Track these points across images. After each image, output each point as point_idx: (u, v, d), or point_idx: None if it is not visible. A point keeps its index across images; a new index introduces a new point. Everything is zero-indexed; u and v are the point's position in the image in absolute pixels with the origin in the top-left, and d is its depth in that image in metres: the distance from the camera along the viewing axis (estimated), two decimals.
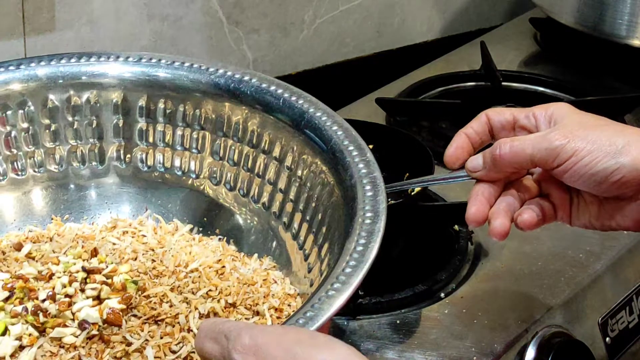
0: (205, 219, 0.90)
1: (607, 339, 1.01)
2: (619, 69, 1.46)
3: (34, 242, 0.87)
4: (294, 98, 0.85)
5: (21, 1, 1.11)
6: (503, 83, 1.37)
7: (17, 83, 0.89)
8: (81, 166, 0.92)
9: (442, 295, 0.97)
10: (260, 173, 0.87)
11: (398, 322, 0.93)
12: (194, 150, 0.91)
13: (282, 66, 1.41)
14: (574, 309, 0.98)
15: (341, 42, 1.47)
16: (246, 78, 0.88)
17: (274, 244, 0.86)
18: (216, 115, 0.89)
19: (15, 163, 0.90)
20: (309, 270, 0.80)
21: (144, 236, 0.88)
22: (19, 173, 0.90)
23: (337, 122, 0.82)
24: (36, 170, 0.91)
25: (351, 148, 0.78)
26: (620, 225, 0.79)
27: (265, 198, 0.87)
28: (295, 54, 1.42)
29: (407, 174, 1.08)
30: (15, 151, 0.90)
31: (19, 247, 0.85)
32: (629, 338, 1.04)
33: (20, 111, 0.89)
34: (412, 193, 1.03)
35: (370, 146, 1.11)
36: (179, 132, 0.91)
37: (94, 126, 0.91)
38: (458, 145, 0.82)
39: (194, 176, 0.91)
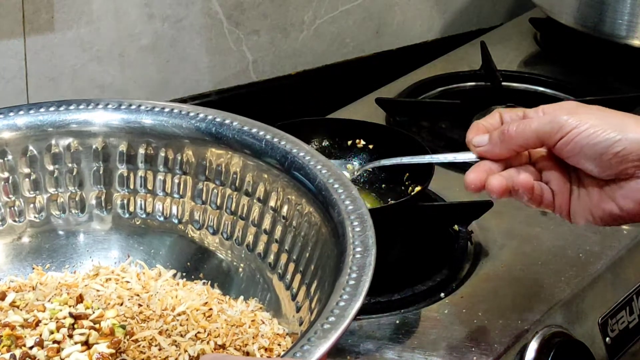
0: (188, 263, 0.89)
1: (607, 339, 1.01)
2: (619, 69, 1.46)
3: (16, 292, 0.86)
4: (276, 139, 0.84)
5: (21, 1, 1.12)
6: (503, 83, 1.37)
7: None
8: (62, 215, 0.91)
9: (442, 295, 0.97)
10: (244, 215, 0.87)
11: (398, 322, 0.93)
12: (175, 195, 0.90)
13: (282, 66, 1.41)
14: (574, 309, 0.98)
15: (341, 42, 1.47)
16: (227, 121, 0.87)
17: (260, 285, 0.85)
18: (197, 159, 0.88)
19: None
20: (298, 310, 0.79)
21: (128, 282, 0.87)
22: None
23: (321, 161, 0.81)
24: (16, 220, 0.90)
25: (336, 186, 0.78)
26: (622, 209, 0.78)
27: (249, 240, 0.87)
28: (295, 54, 1.42)
29: (407, 174, 1.08)
30: None
31: (2, 296, 0.84)
32: (629, 338, 1.04)
33: (0, 160, 0.89)
34: (412, 193, 1.03)
35: (371, 146, 1.11)
36: (160, 177, 0.90)
37: (74, 174, 0.90)
38: (477, 130, 0.84)
39: (176, 221, 0.90)
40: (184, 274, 0.89)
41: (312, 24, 1.42)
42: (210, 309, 0.84)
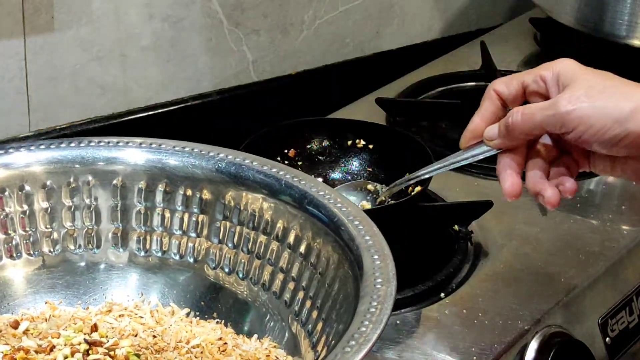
0: (202, 302, 0.89)
1: (607, 339, 1.01)
2: (619, 69, 1.45)
3: (30, 322, 0.86)
4: (295, 179, 0.85)
5: (21, 1, 1.11)
6: None
7: (16, 167, 0.89)
8: (77, 250, 0.91)
9: (442, 295, 0.97)
10: (261, 254, 0.87)
11: (398, 322, 0.93)
12: (192, 234, 0.90)
13: (282, 66, 1.41)
14: (574, 309, 0.98)
15: (341, 42, 1.47)
16: (247, 161, 0.88)
17: (275, 323, 0.85)
18: (216, 198, 0.88)
19: (10, 246, 0.89)
20: (314, 345, 0.79)
21: (142, 317, 0.87)
22: (14, 256, 0.89)
23: (340, 199, 0.82)
24: (31, 253, 0.90)
25: (356, 222, 0.79)
26: (634, 178, 0.81)
27: (265, 279, 0.86)
28: (295, 54, 1.42)
29: (407, 174, 1.08)
30: (11, 233, 0.89)
31: (15, 324, 0.84)
32: (629, 338, 1.04)
33: (18, 193, 0.89)
34: (412, 193, 1.03)
35: (371, 146, 1.11)
36: (177, 215, 0.90)
37: (91, 209, 0.90)
38: (473, 133, 0.83)
39: (191, 260, 0.90)
40: (198, 313, 0.89)
41: (312, 24, 1.42)
42: (225, 343, 0.84)
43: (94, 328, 0.84)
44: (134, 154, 0.90)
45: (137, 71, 1.25)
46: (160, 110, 1.28)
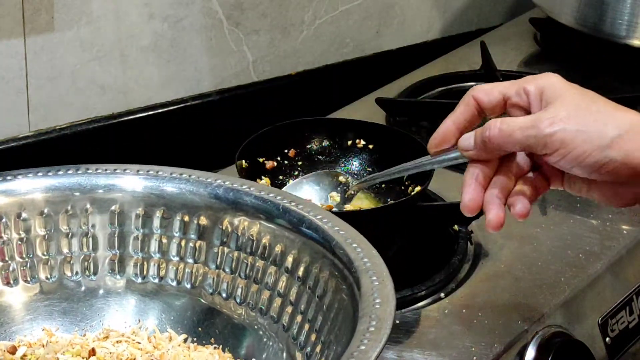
0: (199, 328, 0.89)
1: (607, 339, 1.01)
2: (619, 69, 1.46)
3: (28, 347, 0.86)
4: (293, 204, 0.85)
5: (21, 1, 1.12)
6: None
7: (15, 194, 0.89)
8: (74, 277, 0.91)
9: (442, 295, 0.97)
10: (259, 279, 0.87)
11: (397, 322, 0.93)
12: (189, 260, 0.90)
13: (282, 66, 1.41)
14: (574, 309, 0.98)
15: (341, 42, 1.47)
16: (244, 187, 0.88)
17: (272, 347, 0.85)
18: (213, 224, 0.88)
19: (7, 272, 0.89)
20: None
21: (139, 342, 0.87)
22: (11, 283, 0.89)
23: (338, 224, 0.82)
24: (28, 280, 0.89)
25: (354, 245, 0.79)
26: (612, 204, 0.78)
27: (263, 303, 0.86)
28: (295, 54, 1.42)
29: (407, 174, 1.08)
30: (8, 260, 0.89)
31: (13, 350, 0.84)
32: (629, 338, 1.04)
33: (16, 220, 0.89)
34: (412, 193, 1.03)
35: (370, 146, 1.11)
36: (174, 241, 0.90)
37: (88, 236, 0.91)
38: (443, 137, 0.81)
39: (189, 286, 0.90)
40: (195, 339, 0.89)
41: (312, 24, 1.42)
42: None
43: (92, 352, 0.84)
44: (131, 181, 0.90)
45: (137, 71, 1.25)
46: (160, 110, 1.28)
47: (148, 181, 0.90)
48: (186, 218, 0.89)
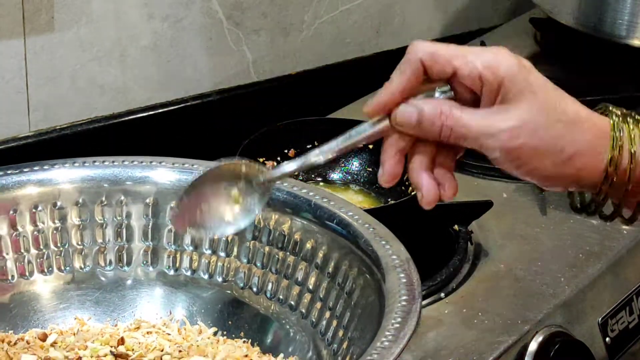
0: (229, 321, 0.89)
1: (607, 339, 1.01)
2: (619, 69, 1.46)
3: (58, 335, 0.87)
4: (324, 200, 0.86)
5: (21, 1, 1.11)
6: None
7: (50, 184, 0.90)
8: (107, 267, 0.91)
9: (442, 295, 0.97)
10: (289, 274, 0.87)
11: None
12: (221, 254, 0.90)
13: (282, 66, 1.41)
14: (574, 309, 0.98)
15: (341, 42, 1.47)
16: (277, 183, 0.88)
17: (300, 342, 0.85)
18: None
19: (42, 261, 0.90)
20: None
21: (169, 334, 0.88)
22: (45, 271, 0.90)
23: (368, 220, 0.83)
24: (62, 269, 0.90)
25: (383, 242, 0.80)
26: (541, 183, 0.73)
27: (293, 298, 0.87)
28: (295, 54, 1.42)
29: (407, 174, 1.07)
30: (43, 249, 0.90)
31: (43, 337, 0.85)
32: (629, 338, 1.04)
33: (52, 210, 0.90)
34: (412, 193, 1.03)
35: (370, 146, 1.11)
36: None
37: (123, 227, 0.91)
38: (384, 105, 0.71)
39: (220, 279, 0.90)
40: (225, 332, 0.89)
41: (312, 24, 1.42)
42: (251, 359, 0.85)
43: (121, 341, 0.84)
44: (166, 173, 0.92)
45: (137, 71, 1.25)
46: (160, 110, 1.28)
47: (182, 174, 0.91)
48: None
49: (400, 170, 0.72)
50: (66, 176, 0.91)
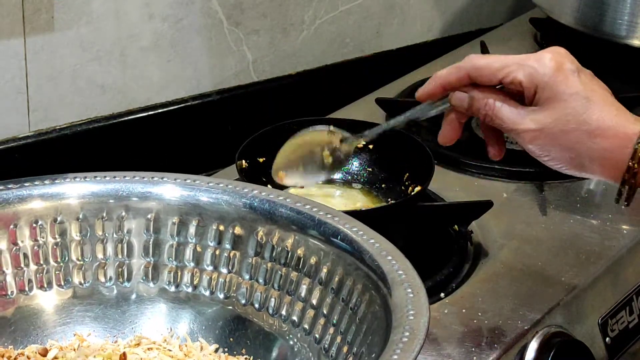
0: (231, 338, 0.89)
1: (607, 339, 1.01)
2: (619, 69, 1.46)
3: (59, 350, 0.86)
4: (328, 216, 0.85)
5: (21, 1, 1.12)
6: None
7: (52, 198, 0.89)
8: (107, 283, 0.91)
9: (442, 295, 0.97)
10: (292, 290, 0.87)
11: None
12: (223, 270, 0.90)
13: (282, 66, 1.41)
14: (574, 309, 0.98)
15: (341, 42, 1.47)
16: (280, 199, 0.88)
17: (303, 359, 0.85)
18: (247, 235, 0.88)
19: (41, 276, 0.89)
20: None
21: (170, 350, 0.87)
22: (45, 287, 0.89)
23: (372, 236, 0.83)
24: (62, 284, 0.90)
25: (389, 257, 0.80)
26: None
27: (296, 315, 0.86)
28: (295, 54, 1.42)
29: (407, 174, 1.08)
30: (43, 264, 0.89)
31: (44, 352, 0.84)
32: (629, 338, 1.04)
33: (52, 225, 0.89)
34: (412, 193, 1.03)
35: (370, 146, 1.11)
36: (209, 251, 0.90)
37: (123, 243, 0.91)
38: (431, 94, 0.88)
39: (222, 296, 0.90)
40: (226, 349, 0.88)
41: (312, 24, 1.42)
42: None
43: (123, 357, 0.84)
44: (168, 189, 0.91)
45: (137, 71, 1.25)
46: (160, 110, 1.28)
47: (184, 190, 0.90)
48: (221, 228, 0.89)
49: (453, 135, 0.87)
50: (68, 191, 0.90)
